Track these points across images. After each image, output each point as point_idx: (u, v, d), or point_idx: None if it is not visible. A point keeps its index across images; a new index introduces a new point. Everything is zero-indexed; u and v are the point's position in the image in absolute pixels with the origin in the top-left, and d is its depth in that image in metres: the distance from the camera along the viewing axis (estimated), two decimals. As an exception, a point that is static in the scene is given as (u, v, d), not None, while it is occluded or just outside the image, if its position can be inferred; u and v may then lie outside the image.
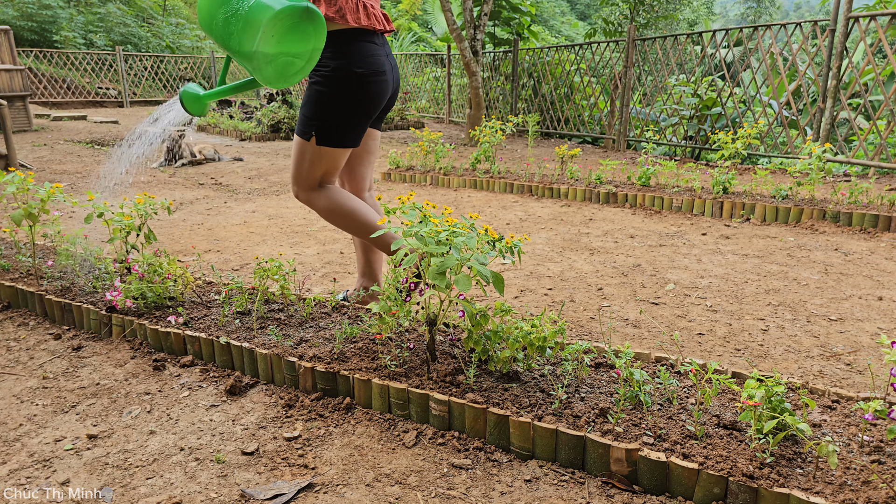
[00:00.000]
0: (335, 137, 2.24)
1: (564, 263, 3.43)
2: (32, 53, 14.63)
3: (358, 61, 2.14)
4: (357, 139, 2.30)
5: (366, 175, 2.54)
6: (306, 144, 2.26)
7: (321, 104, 2.20)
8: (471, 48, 9.14)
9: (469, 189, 5.72)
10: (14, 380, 2.10)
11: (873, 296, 2.88)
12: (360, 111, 2.24)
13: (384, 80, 2.24)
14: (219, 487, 1.52)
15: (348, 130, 2.26)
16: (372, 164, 2.55)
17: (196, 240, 3.98)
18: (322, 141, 2.24)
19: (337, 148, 2.27)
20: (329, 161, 2.29)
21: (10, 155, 6.50)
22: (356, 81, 2.17)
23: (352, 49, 2.13)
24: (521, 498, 1.47)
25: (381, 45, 2.24)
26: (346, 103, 2.20)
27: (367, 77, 2.18)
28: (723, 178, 4.66)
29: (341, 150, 2.28)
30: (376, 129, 2.51)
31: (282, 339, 2.13)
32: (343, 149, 2.28)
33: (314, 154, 2.27)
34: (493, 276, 1.67)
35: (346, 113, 2.22)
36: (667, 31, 16.03)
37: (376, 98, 2.25)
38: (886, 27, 5.72)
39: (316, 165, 2.29)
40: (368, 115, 2.28)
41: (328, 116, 2.21)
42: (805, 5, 50.73)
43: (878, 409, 1.46)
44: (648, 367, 1.94)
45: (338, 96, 2.18)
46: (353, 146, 2.30)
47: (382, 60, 2.22)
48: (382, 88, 2.25)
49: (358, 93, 2.19)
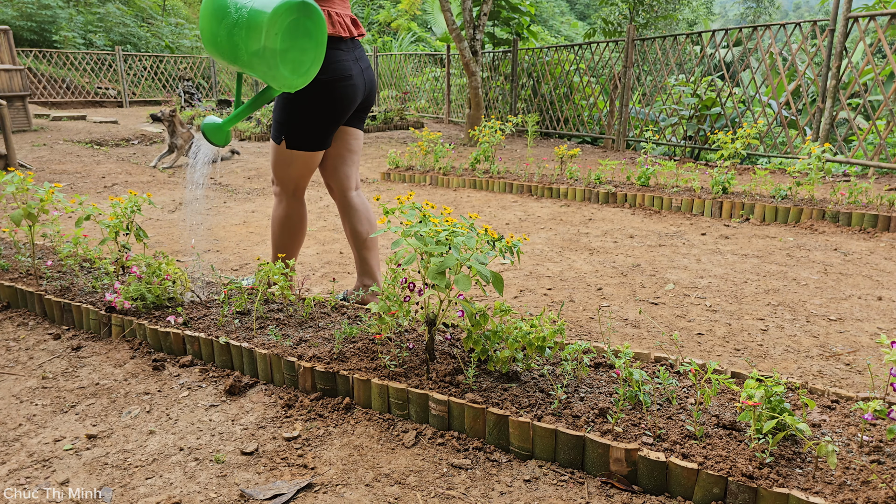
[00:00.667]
0: (303, 141, 2.36)
1: (564, 263, 3.43)
2: (32, 53, 14.62)
3: (322, 68, 2.21)
4: (326, 142, 2.42)
5: (350, 174, 2.59)
6: (279, 148, 2.40)
7: (289, 110, 2.32)
8: (470, 48, 9.14)
9: (468, 189, 5.72)
10: (13, 380, 2.10)
11: (873, 296, 2.88)
12: (326, 116, 2.34)
13: (351, 84, 2.33)
14: (218, 487, 1.52)
15: (315, 134, 2.37)
16: (355, 163, 2.61)
17: (196, 239, 3.97)
18: (291, 144, 2.37)
19: (306, 151, 2.39)
20: (301, 163, 2.42)
21: (9, 155, 6.49)
22: (321, 87, 2.26)
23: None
24: (521, 498, 1.47)
25: (349, 50, 2.33)
26: (313, 109, 2.30)
27: (332, 83, 2.28)
28: (722, 178, 4.66)
29: (311, 153, 2.40)
30: (358, 129, 2.58)
31: (281, 339, 2.13)
32: (312, 152, 2.40)
33: (286, 157, 2.40)
34: (493, 275, 1.67)
35: (313, 118, 2.32)
36: (666, 31, 16.04)
37: (343, 102, 2.34)
38: (886, 27, 5.72)
39: (290, 167, 2.43)
40: (336, 119, 2.38)
41: (296, 121, 2.33)
42: (804, 5, 50.75)
43: (877, 409, 1.46)
44: (648, 367, 1.94)
45: (305, 102, 2.29)
46: (321, 149, 2.41)
47: (349, 65, 2.32)
48: (349, 93, 2.34)
49: (323, 98, 2.29)
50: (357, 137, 2.58)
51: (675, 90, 7.88)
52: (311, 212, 4.82)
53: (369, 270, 2.67)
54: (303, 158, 2.41)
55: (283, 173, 2.45)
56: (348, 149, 2.56)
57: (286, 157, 2.41)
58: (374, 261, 2.67)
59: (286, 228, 2.55)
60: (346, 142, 2.55)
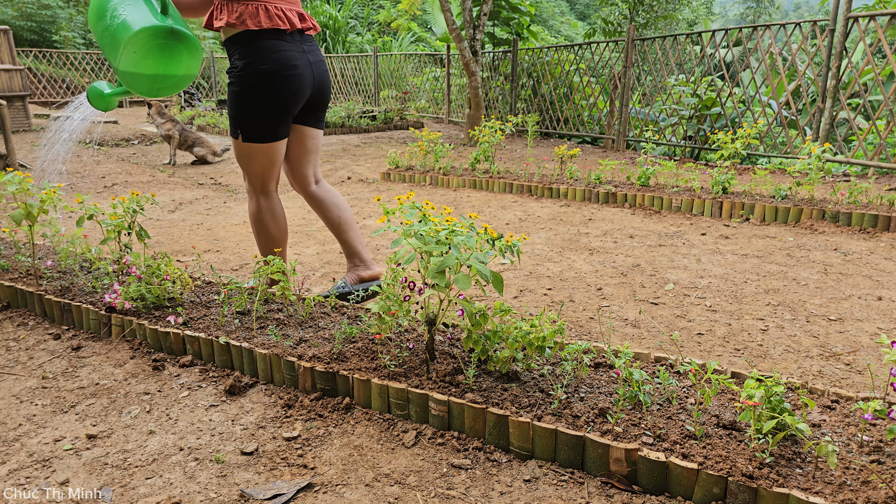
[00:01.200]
0: (256, 133, 2.40)
1: (564, 263, 3.43)
2: (32, 53, 14.62)
3: (263, 59, 2.29)
4: (279, 133, 2.44)
5: (309, 174, 2.67)
6: (238, 143, 2.45)
7: (239, 103, 2.37)
8: (470, 48, 9.14)
9: (468, 189, 5.72)
10: (13, 380, 2.10)
11: (873, 296, 2.88)
12: (275, 105, 2.37)
13: (296, 74, 2.36)
14: (218, 487, 1.52)
15: (266, 125, 2.40)
16: (313, 162, 2.67)
17: (195, 240, 3.98)
18: (246, 138, 2.42)
19: (263, 143, 2.43)
20: (261, 156, 2.45)
21: (9, 155, 6.49)
22: (264, 77, 2.31)
23: (256, 48, 2.29)
24: (521, 498, 1.47)
25: (293, 42, 2.37)
26: (260, 99, 2.34)
27: (275, 73, 2.31)
28: (722, 178, 4.66)
29: (269, 144, 2.44)
30: (315, 129, 2.62)
31: (281, 339, 2.13)
32: (270, 143, 2.44)
33: (246, 151, 2.45)
34: (493, 275, 1.67)
35: (263, 108, 2.36)
36: (666, 30, 16.04)
37: (291, 92, 2.37)
38: (886, 27, 5.72)
39: (252, 162, 2.47)
40: (285, 109, 2.41)
41: (247, 114, 2.37)
42: (804, 5, 50.75)
43: (877, 408, 1.46)
44: (648, 367, 1.94)
45: (251, 93, 2.34)
46: (275, 140, 2.45)
47: (293, 55, 2.35)
48: (296, 82, 2.37)
49: (269, 88, 2.33)
50: (314, 137, 2.63)
51: (675, 90, 7.88)
52: (310, 212, 4.82)
53: (355, 251, 2.73)
54: (261, 151, 2.44)
55: (248, 168, 2.50)
56: (305, 150, 2.62)
57: (246, 152, 2.45)
58: (357, 240, 2.74)
59: (261, 226, 2.59)
60: (302, 142, 2.60)
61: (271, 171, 2.52)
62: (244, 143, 2.43)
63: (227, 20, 2.25)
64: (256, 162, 2.47)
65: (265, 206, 2.57)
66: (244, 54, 2.30)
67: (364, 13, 22.79)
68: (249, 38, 2.29)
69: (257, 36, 2.29)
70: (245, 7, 2.25)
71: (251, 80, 2.32)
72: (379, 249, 3.73)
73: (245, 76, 2.32)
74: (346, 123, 10.67)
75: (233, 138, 2.47)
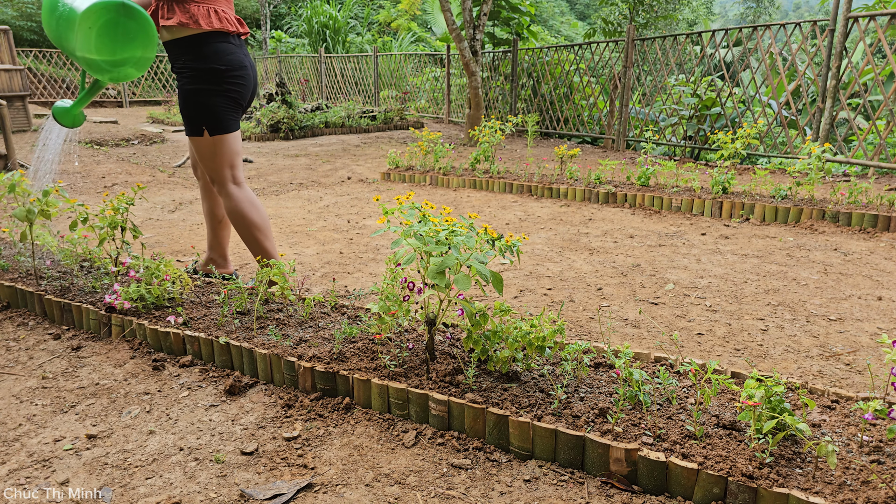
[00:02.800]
0: (220, 125, 2.54)
1: (564, 263, 3.43)
2: (32, 53, 14.62)
3: (218, 59, 2.46)
4: (237, 124, 2.62)
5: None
6: (202, 141, 2.56)
7: (195, 100, 2.50)
8: (470, 48, 9.14)
9: (468, 189, 5.72)
10: (13, 380, 2.10)
11: (873, 296, 2.88)
12: (230, 100, 2.55)
13: (246, 73, 2.56)
14: (218, 487, 1.52)
15: (228, 116, 2.56)
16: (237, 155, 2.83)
17: (195, 240, 3.97)
18: (214, 131, 2.54)
19: (228, 133, 2.57)
20: (226, 147, 2.59)
21: (9, 155, 6.49)
22: (220, 76, 2.48)
23: (210, 50, 2.45)
24: (521, 498, 1.47)
25: (238, 45, 2.56)
26: (216, 95, 2.50)
27: (229, 72, 2.49)
28: (722, 178, 4.66)
29: (231, 135, 2.59)
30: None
31: (281, 339, 2.13)
32: (233, 133, 2.59)
33: (211, 146, 2.56)
34: (493, 275, 1.67)
35: (219, 102, 2.52)
36: (666, 31, 16.03)
37: (242, 89, 2.57)
38: (886, 27, 5.72)
39: (217, 155, 2.59)
40: (239, 104, 2.60)
41: (206, 109, 2.50)
42: (804, 5, 50.74)
43: (877, 408, 1.46)
44: (648, 367, 1.94)
45: (208, 90, 2.49)
46: (237, 129, 2.62)
47: (241, 58, 2.54)
48: (246, 81, 2.57)
49: (224, 85, 2.50)
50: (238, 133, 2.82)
51: (675, 90, 7.88)
52: (310, 212, 4.83)
53: (219, 246, 2.95)
54: (226, 142, 2.58)
55: (214, 163, 2.60)
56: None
57: (211, 146, 2.56)
58: (226, 239, 2.96)
59: (243, 218, 2.64)
60: None
61: (236, 161, 2.64)
62: (211, 137, 2.54)
63: (180, 20, 2.35)
64: (223, 154, 2.59)
65: (242, 196, 2.64)
66: (198, 55, 2.43)
67: (364, 13, 22.79)
68: (203, 39, 2.42)
69: (210, 38, 2.44)
70: (197, 8, 2.38)
71: (209, 78, 2.46)
72: (379, 249, 3.74)
73: (203, 75, 2.45)
74: (346, 123, 10.67)
75: (196, 137, 2.56)
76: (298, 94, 15.50)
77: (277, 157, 7.98)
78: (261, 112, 10.17)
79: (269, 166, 7.29)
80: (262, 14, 19.27)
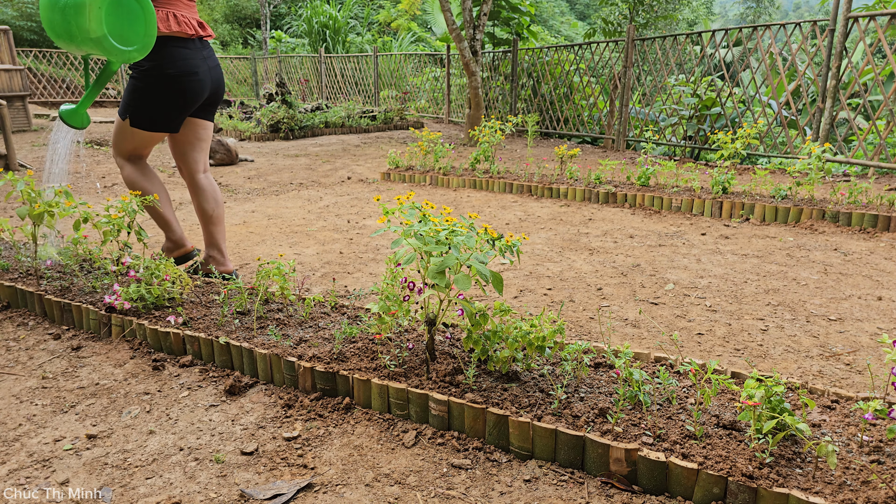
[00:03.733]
0: (145, 123, 2.69)
1: (564, 263, 3.43)
2: (32, 53, 14.62)
3: (169, 64, 2.58)
4: (169, 126, 2.74)
5: (199, 159, 2.96)
6: (122, 123, 2.73)
7: (136, 96, 2.64)
8: (470, 48, 9.14)
9: (468, 189, 5.72)
10: (13, 380, 2.10)
11: (873, 296, 2.88)
12: (173, 105, 2.67)
13: (197, 80, 2.67)
14: (218, 487, 1.52)
15: (160, 119, 2.69)
16: (203, 150, 2.97)
17: (195, 240, 3.97)
18: (134, 123, 2.70)
19: (146, 131, 2.72)
20: (138, 140, 2.75)
21: (9, 155, 6.49)
22: (167, 80, 2.59)
23: (164, 53, 2.55)
24: (521, 498, 1.47)
25: (196, 49, 2.67)
26: (158, 98, 2.63)
27: (179, 77, 2.61)
28: (722, 178, 4.66)
29: (150, 133, 2.73)
30: (207, 121, 2.94)
31: (281, 339, 2.13)
32: (152, 133, 2.73)
33: (126, 132, 2.73)
34: (493, 275, 1.67)
35: (160, 105, 2.65)
36: (666, 31, 16.03)
37: (189, 95, 2.67)
38: (886, 27, 5.72)
39: (127, 141, 2.76)
40: (183, 109, 2.71)
41: (141, 106, 2.65)
42: (804, 5, 50.73)
43: (877, 408, 1.46)
44: (648, 367, 1.94)
45: (150, 92, 2.61)
46: (163, 131, 2.75)
47: (196, 63, 2.66)
48: (195, 87, 2.68)
49: (169, 90, 2.61)
50: (206, 128, 2.94)
51: (675, 90, 7.88)
52: (310, 212, 4.83)
53: (216, 243, 3.00)
54: (142, 136, 2.74)
55: (122, 146, 2.78)
56: (198, 137, 2.92)
57: (127, 133, 2.73)
58: (220, 235, 3.01)
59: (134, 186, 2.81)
60: (195, 132, 2.90)
61: (142, 150, 2.82)
62: (131, 126, 2.71)
63: None
64: (133, 143, 2.76)
65: (134, 168, 2.82)
66: (152, 56, 2.54)
67: (364, 13, 22.79)
68: (160, 43, 2.53)
69: (167, 41, 2.56)
70: (156, 12, 2.46)
71: (156, 80, 2.59)
72: (379, 249, 3.74)
73: (150, 76, 2.59)
74: (346, 123, 10.67)
75: (119, 118, 2.73)
76: (298, 94, 15.50)
77: (277, 157, 7.98)
78: (261, 112, 10.17)
79: (269, 166, 7.29)
80: (262, 14, 19.27)
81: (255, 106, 12.28)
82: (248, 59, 18.51)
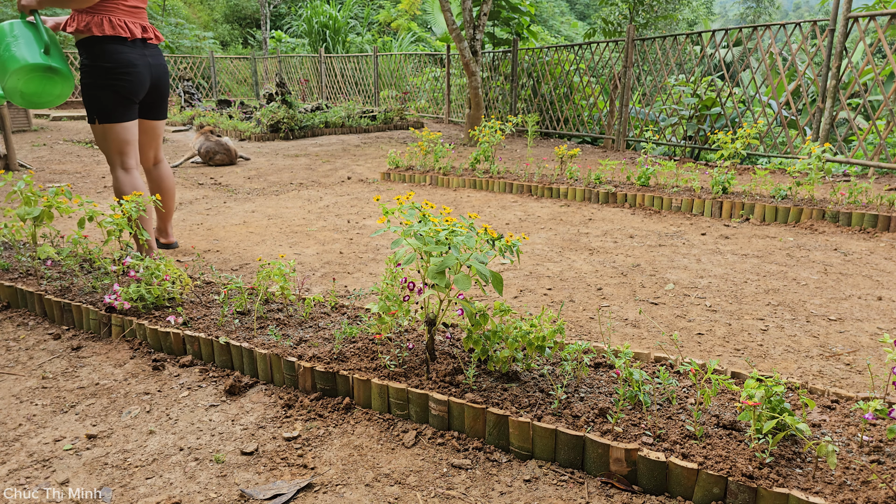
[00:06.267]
0: (107, 115, 3.01)
1: (564, 263, 3.43)
2: (32, 53, 14.59)
3: (105, 59, 2.93)
4: (126, 115, 3.07)
5: (149, 155, 3.45)
6: (95, 128, 3.05)
7: (88, 93, 2.99)
8: (470, 48, 9.14)
9: (468, 189, 5.72)
10: (13, 380, 2.10)
11: (873, 296, 2.88)
12: (118, 93, 2.99)
13: (135, 72, 3.01)
14: (218, 487, 1.52)
15: (115, 108, 3.01)
16: (154, 147, 3.45)
17: (195, 240, 3.97)
18: (102, 120, 3.01)
19: (113, 123, 3.03)
20: (115, 136, 3.05)
21: (9, 155, 6.49)
22: (106, 72, 2.94)
23: (100, 50, 2.92)
24: (521, 498, 1.47)
25: (133, 47, 3.01)
26: (101, 89, 2.96)
27: (115, 69, 2.95)
28: (722, 178, 4.66)
29: (119, 125, 3.04)
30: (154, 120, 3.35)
31: (281, 339, 2.13)
32: (120, 123, 3.04)
33: (101, 132, 3.05)
34: (493, 275, 1.67)
35: (103, 96, 2.97)
36: (666, 31, 16.03)
37: (130, 85, 3.02)
38: (886, 27, 5.72)
39: (107, 141, 3.06)
40: (128, 97, 3.04)
41: (96, 100, 2.99)
42: (804, 5, 50.73)
43: (877, 408, 1.46)
44: (648, 367, 1.94)
45: (94, 85, 2.96)
46: (125, 120, 3.06)
47: (132, 58, 3.00)
48: (134, 77, 3.02)
49: (108, 80, 2.95)
50: (154, 127, 3.38)
51: (675, 90, 7.88)
52: (310, 212, 4.83)
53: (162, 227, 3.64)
54: (114, 131, 3.04)
55: (105, 148, 3.09)
56: (147, 137, 3.37)
57: (101, 133, 3.05)
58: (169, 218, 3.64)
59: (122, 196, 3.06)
60: (144, 132, 3.34)
61: (126, 149, 3.10)
62: (100, 125, 3.02)
63: (77, 27, 2.87)
64: (112, 141, 3.05)
65: (126, 180, 3.11)
66: (91, 54, 2.92)
67: (364, 13, 22.80)
68: (95, 41, 2.91)
69: (102, 41, 2.91)
70: (91, 18, 2.87)
71: (97, 73, 2.93)
72: (379, 249, 3.74)
73: (92, 71, 2.93)
74: (346, 123, 10.67)
75: (91, 125, 3.04)
76: (298, 94, 15.50)
77: (277, 157, 7.98)
78: (261, 112, 10.17)
79: (269, 166, 7.29)
80: (262, 14, 19.28)
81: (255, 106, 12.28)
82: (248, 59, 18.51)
